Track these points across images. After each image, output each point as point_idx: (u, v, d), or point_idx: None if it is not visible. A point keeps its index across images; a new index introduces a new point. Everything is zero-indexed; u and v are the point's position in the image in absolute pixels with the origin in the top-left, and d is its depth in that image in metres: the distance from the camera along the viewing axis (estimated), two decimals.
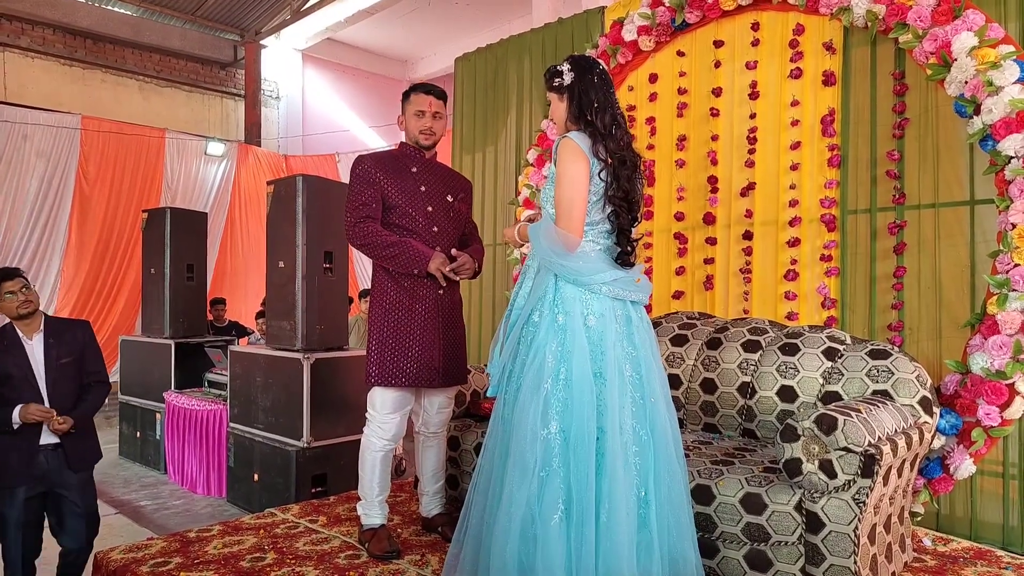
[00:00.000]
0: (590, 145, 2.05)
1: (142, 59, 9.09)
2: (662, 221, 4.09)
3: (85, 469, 2.92)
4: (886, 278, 3.24)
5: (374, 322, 2.64)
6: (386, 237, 2.55)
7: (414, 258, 2.52)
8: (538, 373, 1.96)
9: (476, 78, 5.17)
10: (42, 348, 2.85)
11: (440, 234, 2.67)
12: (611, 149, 2.06)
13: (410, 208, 2.63)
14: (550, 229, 2.04)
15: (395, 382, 2.58)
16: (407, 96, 2.73)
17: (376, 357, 2.60)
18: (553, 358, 1.97)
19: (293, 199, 4.06)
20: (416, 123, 2.69)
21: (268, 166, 9.55)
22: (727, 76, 3.79)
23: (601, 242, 2.11)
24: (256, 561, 2.50)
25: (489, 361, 2.21)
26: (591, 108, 2.08)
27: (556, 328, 2.00)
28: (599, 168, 2.05)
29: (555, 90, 2.16)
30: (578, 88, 2.10)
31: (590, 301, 2.02)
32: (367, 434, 2.67)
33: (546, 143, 4.38)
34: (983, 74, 2.75)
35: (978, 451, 2.76)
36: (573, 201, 2.01)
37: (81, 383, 2.93)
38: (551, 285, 2.06)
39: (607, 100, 2.11)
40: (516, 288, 2.22)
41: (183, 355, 5.41)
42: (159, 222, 5.61)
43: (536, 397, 1.93)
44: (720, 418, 2.85)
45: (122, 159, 8.06)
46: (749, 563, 2.18)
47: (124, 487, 4.96)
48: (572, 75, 2.12)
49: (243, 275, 9.11)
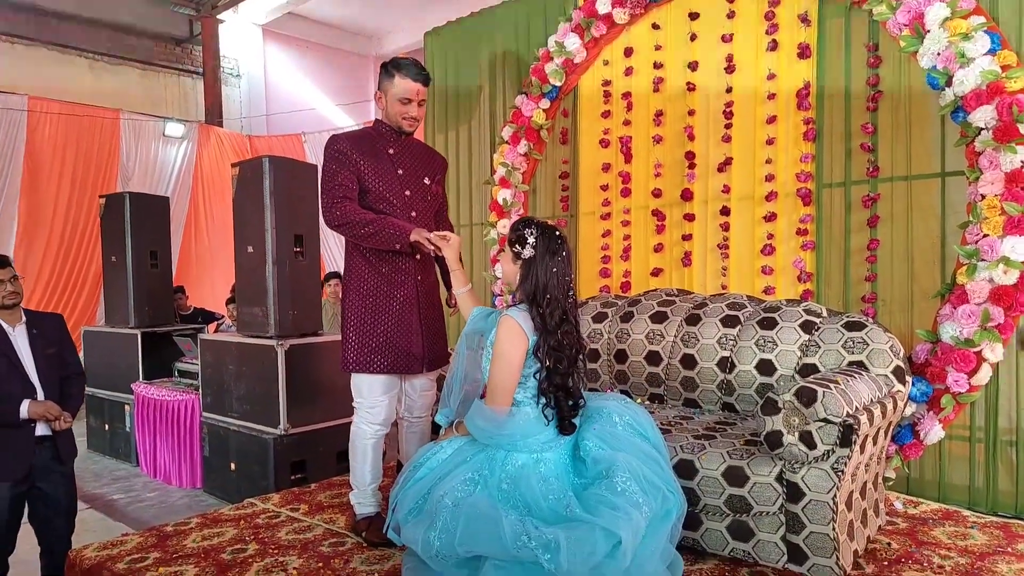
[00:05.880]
0: (532, 326, 2.07)
1: (91, 35, 8.66)
2: (640, 198, 4.08)
3: (70, 463, 2.87)
4: (860, 251, 3.28)
5: (350, 308, 2.59)
6: (364, 215, 2.49)
7: (394, 234, 2.45)
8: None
9: (447, 53, 5.07)
10: (27, 339, 2.80)
11: (418, 219, 2.62)
12: (551, 347, 2.06)
13: (387, 193, 2.56)
14: (483, 411, 2.10)
15: (374, 368, 2.54)
16: (391, 75, 2.55)
17: (354, 343, 2.56)
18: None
19: (260, 181, 3.94)
20: (400, 108, 2.57)
21: (231, 147, 9.28)
22: (703, 49, 3.77)
23: (535, 405, 2.12)
24: (237, 553, 2.46)
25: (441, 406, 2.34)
26: (544, 297, 2.07)
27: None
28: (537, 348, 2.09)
29: (514, 253, 2.13)
30: (536, 268, 2.08)
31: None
32: (356, 422, 2.63)
33: (520, 119, 4.33)
34: (955, 45, 2.77)
35: (947, 417, 2.84)
36: (504, 383, 2.07)
37: (61, 375, 2.89)
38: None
39: (562, 288, 2.09)
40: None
41: (150, 345, 5.28)
42: (118, 208, 5.42)
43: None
44: (700, 393, 2.88)
45: (74, 142, 7.71)
46: (732, 534, 2.22)
47: (95, 481, 4.85)
48: (534, 252, 2.09)
49: (209, 261, 8.88)
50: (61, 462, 2.81)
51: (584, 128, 4.32)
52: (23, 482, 2.71)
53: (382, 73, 2.59)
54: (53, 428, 2.74)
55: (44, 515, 2.81)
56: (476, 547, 1.87)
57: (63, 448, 2.81)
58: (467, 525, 1.88)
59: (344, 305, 2.63)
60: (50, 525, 2.81)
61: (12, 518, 2.71)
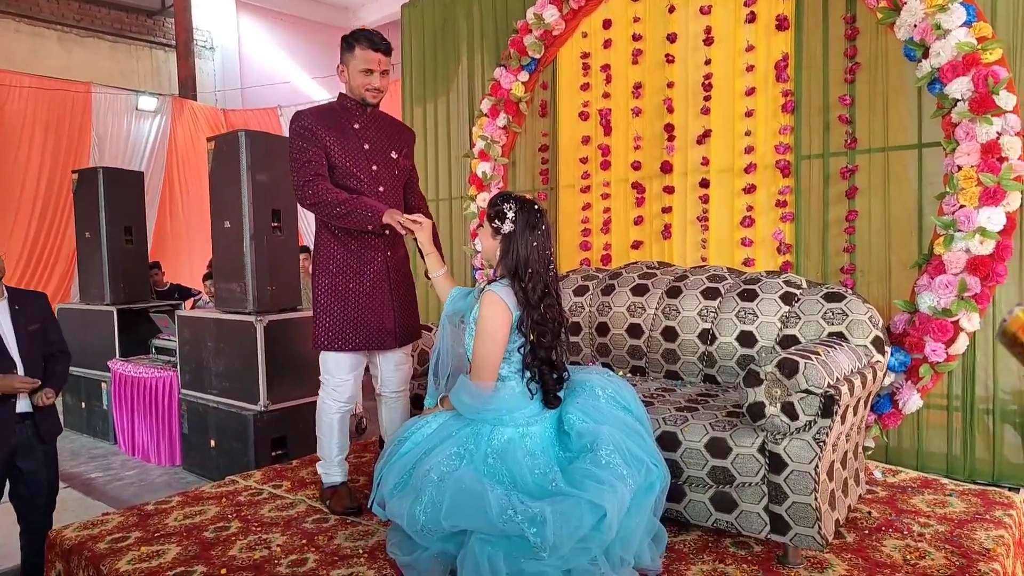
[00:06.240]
0: (515, 301, 2.05)
1: (59, 7, 8.42)
2: (619, 171, 4.06)
3: (52, 441, 2.83)
4: (839, 222, 3.30)
5: (320, 285, 2.55)
6: (337, 195, 2.44)
7: (366, 215, 2.41)
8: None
9: (424, 26, 4.98)
10: (8, 314, 2.75)
11: (386, 194, 2.58)
12: (535, 321, 2.05)
13: (354, 168, 2.52)
14: (468, 387, 2.10)
15: (345, 346, 2.52)
16: (351, 47, 2.52)
17: (324, 321, 2.53)
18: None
19: (236, 156, 3.87)
20: (362, 80, 2.51)
21: (206, 121, 9.09)
22: (681, 21, 3.74)
23: (520, 379, 2.11)
24: (220, 531, 2.44)
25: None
26: (525, 272, 2.05)
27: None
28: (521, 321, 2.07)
29: (493, 229, 2.11)
30: (517, 243, 2.06)
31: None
32: (322, 397, 2.63)
33: (499, 92, 4.27)
34: (931, 17, 2.77)
35: (925, 386, 2.89)
36: (488, 358, 2.06)
37: (44, 353, 2.85)
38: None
39: (543, 262, 2.08)
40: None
41: (126, 321, 5.20)
42: (91, 183, 5.30)
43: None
44: (682, 365, 2.89)
45: (43, 116, 7.52)
46: (715, 505, 2.24)
47: (72, 460, 4.80)
48: (513, 226, 2.07)
49: (185, 236, 8.75)
50: (43, 440, 2.77)
51: (563, 100, 4.28)
52: (4, 460, 2.67)
53: (343, 46, 2.55)
54: (35, 404, 2.70)
55: (24, 494, 2.77)
56: (462, 521, 1.87)
57: (44, 426, 2.76)
58: (453, 499, 1.88)
59: (314, 282, 2.59)
60: (31, 504, 2.77)
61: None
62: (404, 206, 2.68)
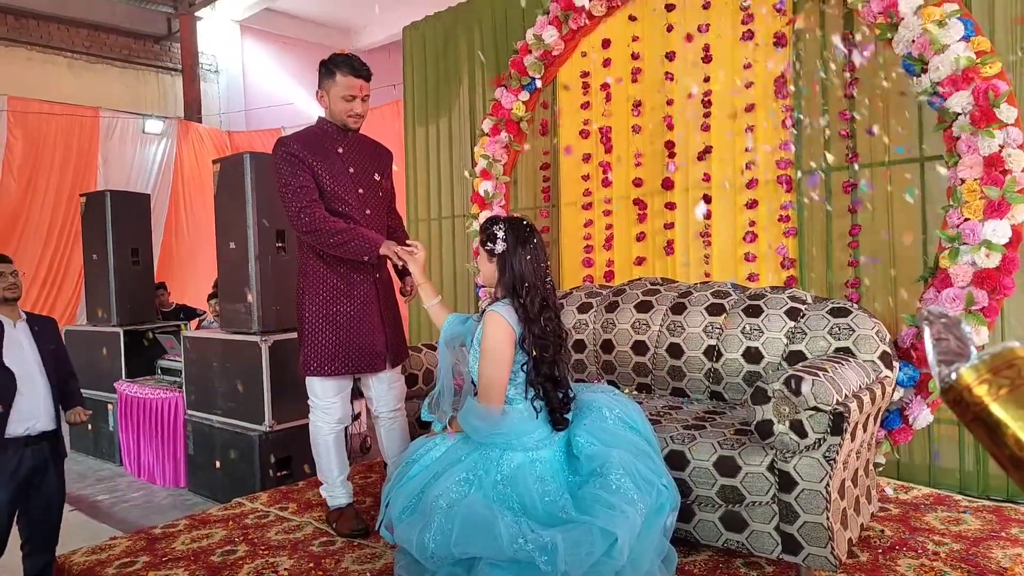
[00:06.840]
0: (516, 318, 2.07)
1: (70, 34, 8.55)
2: (621, 188, 4.07)
3: (62, 462, 2.83)
4: (842, 237, 3.29)
5: (308, 309, 2.53)
6: (334, 224, 2.43)
7: (364, 246, 2.41)
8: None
9: (426, 47, 5.02)
10: (30, 336, 2.77)
11: (372, 216, 2.58)
12: (536, 335, 2.06)
13: (342, 192, 2.51)
14: (477, 409, 2.09)
15: (337, 371, 2.51)
16: (331, 73, 2.50)
17: (313, 346, 2.51)
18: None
19: (241, 178, 3.90)
20: (344, 106, 2.51)
21: (211, 143, 9.17)
22: (679, 40, 3.77)
23: (524, 398, 2.12)
24: (227, 555, 2.43)
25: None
26: (522, 287, 2.07)
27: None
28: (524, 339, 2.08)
29: (487, 252, 2.13)
30: (511, 261, 2.08)
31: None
32: (314, 420, 2.62)
33: (500, 111, 4.29)
34: (929, 32, 2.78)
35: (935, 401, 2.86)
36: (495, 379, 2.07)
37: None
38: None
39: (538, 276, 2.09)
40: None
41: (133, 343, 5.21)
42: (99, 206, 5.34)
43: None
44: (688, 382, 2.88)
45: (52, 141, 7.59)
46: (725, 525, 2.22)
47: (79, 482, 4.79)
48: (505, 245, 2.09)
49: (190, 257, 8.79)
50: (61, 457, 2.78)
51: (564, 119, 4.30)
52: (21, 481, 2.65)
53: (322, 71, 2.53)
54: (69, 420, 2.78)
55: (36, 515, 2.74)
56: (472, 549, 1.86)
57: (60, 446, 2.78)
58: (463, 528, 1.87)
59: (301, 306, 2.56)
60: (42, 525, 2.75)
61: (8, 519, 2.65)
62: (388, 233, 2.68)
